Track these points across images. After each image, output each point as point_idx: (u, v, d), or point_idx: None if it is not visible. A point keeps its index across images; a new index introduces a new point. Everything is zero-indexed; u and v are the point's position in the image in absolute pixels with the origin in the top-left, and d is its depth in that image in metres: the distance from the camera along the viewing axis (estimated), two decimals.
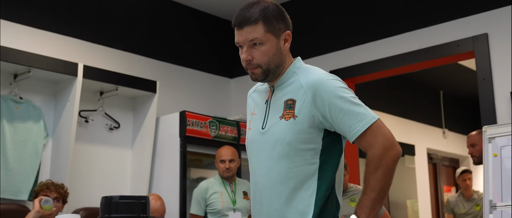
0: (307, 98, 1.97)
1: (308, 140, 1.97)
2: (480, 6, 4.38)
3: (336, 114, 1.94)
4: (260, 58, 2.02)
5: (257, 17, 2.02)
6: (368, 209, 1.91)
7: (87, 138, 4.69)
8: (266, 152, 2.02)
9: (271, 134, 2.02)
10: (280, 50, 2.06)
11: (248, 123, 2.16)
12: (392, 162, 1.92)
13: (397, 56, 4.75)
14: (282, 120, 2.00)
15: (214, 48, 5.99)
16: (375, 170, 1.92)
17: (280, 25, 2.06)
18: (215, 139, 4.85)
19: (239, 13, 2.06)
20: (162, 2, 5.51)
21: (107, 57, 4.93)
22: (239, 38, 2.04)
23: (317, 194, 1.96)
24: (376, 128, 1.93)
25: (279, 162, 1.98)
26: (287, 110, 2.00)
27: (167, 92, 5.27)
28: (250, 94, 2.25)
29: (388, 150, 1.92)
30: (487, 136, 3.73)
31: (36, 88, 4.43)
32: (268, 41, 2.03)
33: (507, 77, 4.16)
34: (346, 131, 1.95)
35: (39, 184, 3.83)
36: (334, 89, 1.97)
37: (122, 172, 4.90)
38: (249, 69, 2.04)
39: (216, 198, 4.29)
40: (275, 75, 2.07)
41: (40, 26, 4.53)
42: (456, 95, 8.62)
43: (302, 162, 1.97)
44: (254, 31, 2.01)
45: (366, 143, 1.94)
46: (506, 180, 3.57)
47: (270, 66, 2.03)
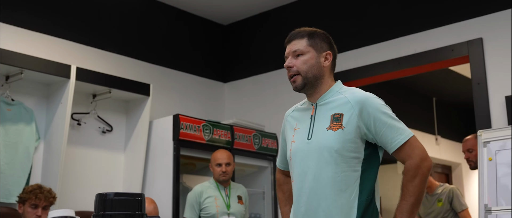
0: (354, 112, 2.24)
1: (353, 149, 2.22)
2: (474, 11, 4.39)
3: (379, 127, 2.22)
4: (300, 66, 2.34)
5: (303, 34, 2.39)
6: (407, 212, 2.18)
7: (80, 141, 4.65)
8: (313, 159, 2.26)
9: (317, 142, 2.27)
10: (319, 65, 2.35)
11: (291, 137, 2.40)
12: (427, 171, 2.21)
13: (391, 60, 4.74)
14: (330, 130, 2.25)
15: (208, 53, 5.97)
16: (413, 178, 2.19)
17: (323, 45, 2.38)
18: (209, 142, 4.82)
19: (290, 33, 2.43)
20: (156, 6, 5.49)
21: (101, 59, 4.89)
22: (287, 51, 2.41)
23: (359, 199, 2.20)
24: (414, 141, 2.22)
25: (327, 167, 2.22)
26: (334, 122, 2.26)
27: (160, 95, 5.24)
28: (289, 114, 2.51)
29: (423, 161, 2.21)
30: (482, 140, 3.73)
31: (28, 90, 4.39)
32: (308, 53, 2.35)
33: (501, 81, 4.17)
34: (388, 142, 2.22)
35: (26, 190, 3.76)
36: (379, 106, 2.25)
37: (114, 175, 4.86)
38: (291, 78, 2.36)
39: (210, 202, 4.25)
40: (313, 86, 2.35)
41: (33, 27, 4.49)
42: (448, 102, 8.63)
43: (347, 168, 2.21)
44: (298, 43, 2.38)
45: (405, 154, 2.22)
46: (501, 184, 3.56)
47: (308, 75, 2.33)
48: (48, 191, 3.77)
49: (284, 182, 2.60)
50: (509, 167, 3.57)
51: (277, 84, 5.55)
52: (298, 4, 5.53)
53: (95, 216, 1.71)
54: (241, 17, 5.96)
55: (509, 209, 3.46)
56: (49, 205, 3.75)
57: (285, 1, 5.56)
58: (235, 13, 5.88)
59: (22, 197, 3.72)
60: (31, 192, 3.71)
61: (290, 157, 2.38)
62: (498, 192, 3.55)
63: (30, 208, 3.71)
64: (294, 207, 2.32)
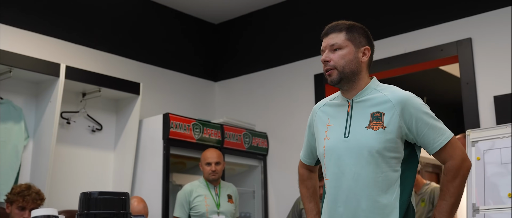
0: (396, 111, 2.19)
1: (394, 149, 2.18)
2: (464, 11, 4.41)
3: (421, 127, 2.18)
4: (337, 60, 2.25)
5: (342, 27, 2.30)
6: (447, 213, 2.16)
7: (69, 139, 4.63)
8: (352, 158, 2.20)
9: (356, 141, 2.21)
10: (357, 59, 2.27)
11: (323, 133, 2.32)
12: (468, 172, 2.20)
13: (381, 60, 4.76)
14: (369, 129, 2.20)
15: (198, 51, 5.96)
16: (454, 179, 2.17)
17: (361, 39, 2.30)
18: (199, 141, 4.81)
19: (328, 26, 2.34)
20: (146, 4, 5.48)
21: (90, 58, 4.88)
22: (324, 44, 2.31)
23: (401, 199, 2.17)
24: (455, 142, 2.20)
25: (367, 167, 2.17)
26: (374, 121, 2.21)
27: (150, 94, 5.23)
28: (320, 108, 2.41)
29: (464, 162, 2.19)
30: (471, 140, 3.75)
31: (17, 89, 4.37)
32: (346, 47, 2.26)
33: (490, 81, 4.19)
34: (429, 143, 2.19)
35: (14, 190, 3.71)
36: (420, 106, 2.21)
37: (104, 174, 4.85)
38: (326, 71, 2.27)
39: (200, 201, 4.25)
40: (350, 82, 2.27)
41: (22, 26, 4.47)
42: (438, 101, 8.66)
43: (388, 168, 2.18)
44: (336, 37, 2.28)
45: (446, 154, 2.19)
46: (489, 183, 3.58)
47: (345, 69, 2.25)
48: (36, 193, 3.71)
49: (308, 177, 2.55)
50: (497, 167, 3.59)
51: (268, 83, 5.55)
52: (288, 4, 5.53)
53: (80, 215, 1.71)
54: (232, 16, 5.95)
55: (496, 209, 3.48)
56: (37, 207, 3.70)
57: (275, 0, 5.56)
58: (225, 12, 5.87)
59: (10, 198, 3.69)
60: (18, 194, 3.65)
61: (323, 154, 2.30)
62: (486, 192, 3.57)
63: (17, 209, 3.67)
64: (330, 207, 2.26)
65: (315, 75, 5.11)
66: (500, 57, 4.17)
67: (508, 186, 3.49)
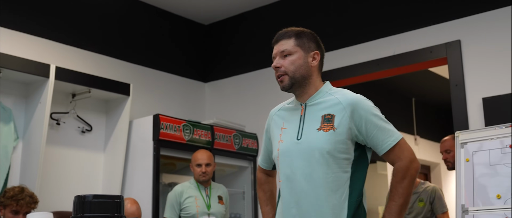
0: (346, 113, 2.24)
1: (345, 150, 2.24)
2: (453, 13, 4.44)
3: (371, 129, 2.24)
4: (287, 66, 2.32)
5: (291, 34, 2.37)
6: (396, 213, 2.21)
7: (59, 140, 4.61)
8: (304, 159, 2.26)
9: (308, 143, 2.26)
10: (307, 64, 2.34)
11: (278, 136, 2.38)
12: (415, 172, 2.25)
13: (370, 62, 4.78)
14: (321, 131, 2.25)
15: (188, 52, 5.96)
16: (402, 180, 2.23)
17: (310, 44, 2.37)
18: (189, 142, 4.81)
19: (278, 33, 2.41)
20: (136, 5, 5.47)
21: (80, 59, 4.86)
22: (274, 51, 2.38)
23: (350, 199, 2.22)
24: (403, 143, 2.26)
25: (318, 168, 2.23)
26: (325, 123, 2.26)
27: (140, 95, 5.22)
28: (275, 113, 2.48)
29: (412, 162, 2.25)
30: (460, 141, 3.78)
31: (7, 90, 4.34)
32: (296, 53, 2.33)
33: (479, 83, 4.22)
34: (378, 144, 2.25)
35: (7, 193, 3.68)
36: (370, 108, 2.28)
37: (94, 175, 4.84)
38: (278, 77, 2.34)
39: (190, 202, 4.25)
40: (301, 86, 2.34)
41: (12, 26, 4.45)
42: (428, 102, 8.71)
43: (338, 169, 2.23)
44: (286, 43, 2.35)
45: (395, 156, 2.25)
46: (478, 185, 3.61)
47: (295, 75, 2.32)
48: (30, 196, 3.69)
49: (266, 181, 2.59)
50: (485, 168, 3.62)
51: (258, 85, 5.56)
52: (278, 5, 5.54)
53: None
54: (222, 17, 5.96)
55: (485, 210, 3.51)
56: (30, 211, 3.69)
57: (266, 1, 5.57)
58: (216, 13, 5.87)
59: (3, 202, 3.66)
60: (12, 198, 3.63)
61: (277, 156, 2.36)
62: (475, 193, 3.60)
63: (10, 213, 3.66)
64: (283, 208, 2.31)
65: None
66: (489, 59, 4.21)
67: (497, 187, 3.52)
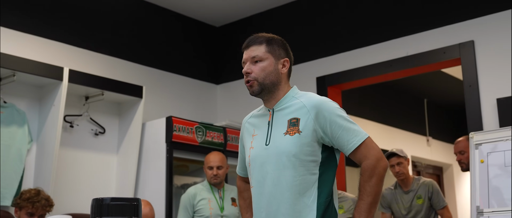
0: (310, 116, 2.26)
1: (311, 152, 2.25)
2: (466, 13, 4.42)
3: (335, 130, 2.25)
4: (258, 72, 2.35)
5: (261, 40, 2.40)
6: (366, 212, 2.20)
7: (72, 143, 4.63)
8: (272, 164, 2.28)
9: (275, 148, 2.29)
10: (277, 71, 2.37)
11: (249, 143, 2.42)
12: (383, 171, 2.25)
13: (383, 63, 4.77)
14: (287, 135, 2.28)
15: (200, 54, 5.97)
16: (370, 178, 2.23)
17: (280, 51, 2.40)
18: (202, 144, 4.82)
19: (248, 38, 2.44)
20: (149, 7, 5.48)
21: (93, 61, 4.88)
22: (245, 56, 2.41)
23: (318, 201, 2.23)
24: (369, 142, 2.26)
25: (285, 171, 2.25)
26: (291, 127, 2.29)
27: (153, 97, 5.24)
28: (247, 120, 2.51)
29: (379, 161, 2.24)
30: (474, 142, 3.76)
31: (21, 93, 4.37)
32: (267, 60, 2.37)
33: (493, 84, 4.20)
34: (344, 144, 2.25)
35: (23, 195, 3.70)
36: (334, 109, 2.28)
37: (107, 177, 4.85)
38: (248, 83, 2.36)
39: (204, 205, 4.25)
40: (270, 92, 2.37)
41: (26, 29, 4.48)
42: (440, 103, 8.68)
43: (305, 171, 2.24)
44: (257, 49, 2.38)
45: (361, 155, 2.25)
46: (493, 186, 3.59)
47: (265, 81, 2.34)
48: (46, 199, 3.71)
49: (245, 188, 2.62)
50: (500, 169, 3.60)
51: None
52: (290, 6, 5.54)
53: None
54: (234, 19, 5.96)
55: (500, 211, 3.49)
56: (45, 214, 3.73)
57: (277, 3, 5.57)
58: (227, 15, 5.88)
59: (19, 203, 3.69)
60: (28, 200, 3.65)
61: (249, 163, 2.39)
62: (490, 194, 3.58)
63: (26, 215, 3.69)
64: (255, 213, 2.35)
65: (317, 78, 5.11)
66: (503, 60, 4.18)
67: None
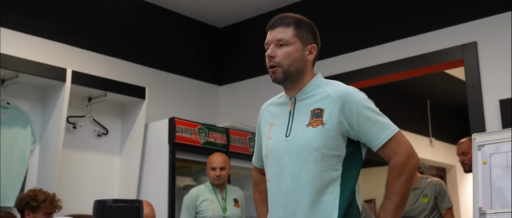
0: (335, 107, 2.08)
1: (335, 146, 2.08)
2: (469, 15, 4.41)
3: (363, 123, 2.07)
4: (283, 57, 2.16)
5: (290, 21, 2.20)
6: (392, 212, 2.03)
7: (75, 144, 4.64)
8: (292, 158, 2.11)
9: (297, 140, 2.12)
10: (303, 58, 2.18)
11: (267, 133, 2.25)
12: (414, 168, 2.06)
13: (386, 64, 4.76)
14: (309, 127, 2.10)
15: (203, 55, 5.98)
16: (399, 176, 2.05)
17: (309, 36, 2.21)
18: (204, 146, 4.82)
19: (274, 18, 2.24)
20: (151, 9, 5.49)
21: (96, 63, 4.89)
22: (269, 37, 2.21)
23: (340, 199, 2.06)
24: (399, 137, 2.08)
25: (306, 166, 2.08)
26: (314, 118, 2.11)
27: (156, 98, 5.24)
28: (266, 108, 2.35)
29: (410, 157, 2.06)
30: (477, 144, 3.75)
31: (24, 94, 4.38)
32: (293, 45, 2.17)
33: (496, 85, 4.19)
34: (372, 139, 2.07)
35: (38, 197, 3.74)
36: (361, 100, 2.10)
37: (110, 178, 4.86)
38: (271, 68, 2.18)
39: (206, 206, 4.25)
40: (294, 80, 2.18)
41: (29, 31, 4.49)
42: (443, 104, 8.66)
43: (328, 167, 2.07)
44: (284, 32, 2.18)
45: (390, 150, 2.07)
46: (495, 187, 3.59)
47: (290, 68, 2.15)
48: (51, 197, 3.79)
49: (261, 181, 2.45)
50: (503, 170, 3.60)
51: (272, 87, 5.52)
52: (292, 7, 5.54)
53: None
54: (237, 20, 5.97)
55: (503, 212, 3.49)
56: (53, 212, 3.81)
57: (280, 4, 5.57)
58: (230, 16, 5.89)
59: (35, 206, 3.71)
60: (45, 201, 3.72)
61: (266, 154, 2.22)
62: (493, 195, 3.58)
63: (44, 216, 3.73)
64: (270, 210, 2.18)
65: None
66: (506, 61, 4.18)
67: None
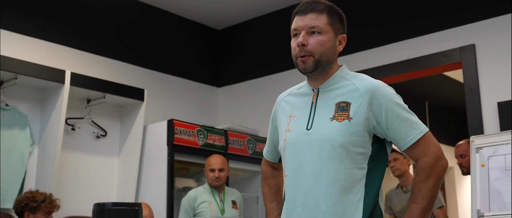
0: (363, 101, 1.97)
1: (361, 143, 1.96)
2: (467, 17, 4.42)
3: (392, 120, 1.96)
4: (316, 46, 2.01)
5: (323, 8, 2.05)
6: (418, 217, 1.93)
7: (74, 146, 4.65)
8: (313, 153, 1.98)
9: (319, 134, 1.99)
10: (334, 48, 2.07)
11: (285, 125, 2.11)
12: (443, 171, 1.96)
13: (385, 66, 4.77)
14: (334, 121, 1.97)
15: (202, 57, 5.98)
16: (427, 178, 1.95)
17: (340, 26, 2.10)
18: (203, 147, 4.83)
19: (304, 3, 2.08)
20: (150, 10, 5.49)
21: (95, 64, 4.90)
22: (299, 23, 2.04)
23: (365, 200, 1.94)
24: (429, 137, 1.98)
25: (329, 163, 1.95)
26: (339, 112, 1.98)
27: (154, 100, 5.25)
28: (284, 98, 2.22)
29: (439, 160, 1.96)
30: (475, 146, 3.76)
31: (23, 95, 4.38)
32: (327, 33, 2.04)
33: (494, 87, 4.20)
34: (401, 137, 1.97)
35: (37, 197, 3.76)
36: (391, 96, 2.00)
37: (108, 180, 4.86)
38: (301, 57, 2.03)
39: (204, 207, 4.26)
40: (324, 70, 2.05)
41: (27, 32, 4.49)
42: (441, 106, 8.67)
43: (353, 165, 1.95)
44: (317, 19, 2.03)
45: (419, 151, 1.96)
46: (494, 190, 3.60)
47: (322, 58, 2.02)
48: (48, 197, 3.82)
49: (272, 175, 2.34)
50: (501, 173, 3.61)
51: (271, 89, 5.56)
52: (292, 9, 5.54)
53: None
54: (235, 21, 5.97)
55: (501, 215, 3.50)
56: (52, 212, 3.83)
57: (279, 6, 5.58)
58: (229, 18, 5.89)
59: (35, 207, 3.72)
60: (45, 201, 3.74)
61: (283, 148, 2.08)
62: (491, 198, 3.59)
63: (44, 216, 3.75)
64: (287, 207, 2.05)
65: None
66: (504, 63, 4.19)
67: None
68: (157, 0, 5.43)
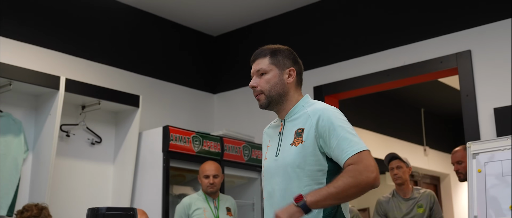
0: (312, 124, 2.23)
1: (315, 161, 2.21)
2: (463, 23, 4.42)
3: (334, 139, 2.17)
4: (263, 85, 2.36)
5: (266, 52, 2.41)
6: (319, 196, 2.08)
7: (68, 152, 4.62)
8: (280, 176, 2.27)
9: (283, 159, 2.28)
10: (282, 82, 2.36)
11: (264, 154, 2.44)
12: (366, 185, 2.08)
13: (380, 72, 4.77)
14: (292, 146, 2.26)
15: (197, 64, 5.97)
16: (348, 177, 2.08)
17: (286, 61, 2.39)
18: (199, 154, 4.81)
19: (255, 52, 2.44)
20: (145, 16, 5.48)
21: (90, 71, 4.87)
22: (252, 70, 2.42)
23: (325, 211, 2.17)
24: (367, 155, 2.13)
25: (291, 183, 2.23)
26: (296, 138, 2.26)
27: (150, 107, 5.23)
28: (265, 131, 2.51)
29: (368, 172, 2.08)
30: (471, 152, 3.75)
31: (17, 102, 4.36)
32: (271, 71, 2.37)
33: (490, 93, 4.20)
34: (339, 154, 2.15)
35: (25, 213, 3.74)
36: (335, 118, 2.22)
37: (103, 187, 4.83)
38: (255, 96, 2.38)
39: (199, 214, 4.23)
40: (278, 103, 2.37)
41: (22, 38, 4.47)
42: (437, 113, 8.68)
43: (311, 181, 2.20)
44: (261, 62, 2.39)
45: (353, 161, 2.11)
46: (490, 196, 3.59)
47: (271, 93, 2.35)
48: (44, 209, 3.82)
49: None
50: (497, 179, 3.60)
51: None
52: (287, 16, 5.55)
53: None
54: (231, 28, 5.97)
55: None
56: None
57: (275, 12, 5.58)
58: (225, 24, 5.88)
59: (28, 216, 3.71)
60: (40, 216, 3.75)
61: (262, 174, 2.41)
62: (488, 204, 3.57)
63: None
64: None
65: (314, 87, 5.11)
66: (500, 69, 4.19)
67: (509, 198, 3.49)
68: (152, 7, 5.42)
